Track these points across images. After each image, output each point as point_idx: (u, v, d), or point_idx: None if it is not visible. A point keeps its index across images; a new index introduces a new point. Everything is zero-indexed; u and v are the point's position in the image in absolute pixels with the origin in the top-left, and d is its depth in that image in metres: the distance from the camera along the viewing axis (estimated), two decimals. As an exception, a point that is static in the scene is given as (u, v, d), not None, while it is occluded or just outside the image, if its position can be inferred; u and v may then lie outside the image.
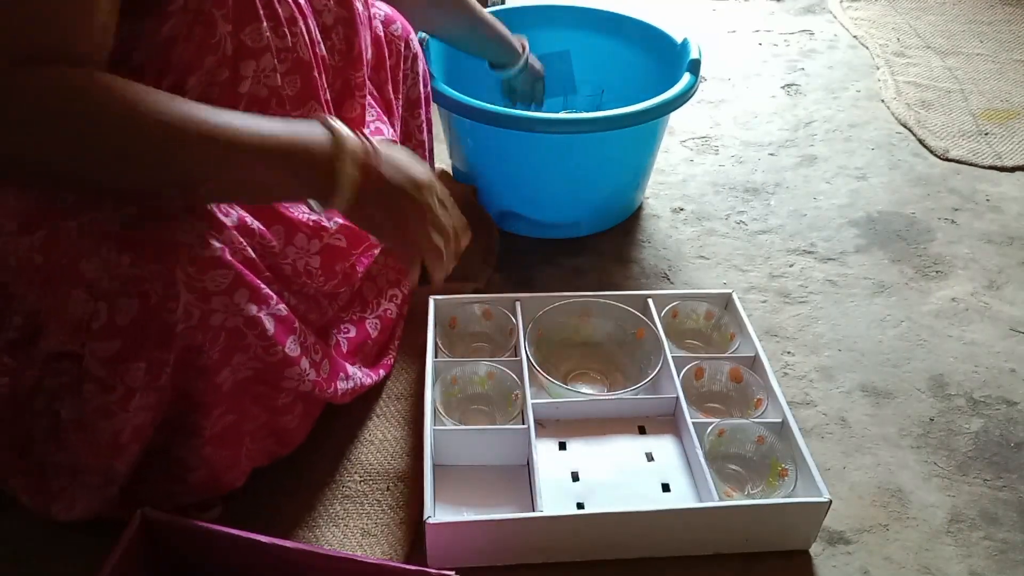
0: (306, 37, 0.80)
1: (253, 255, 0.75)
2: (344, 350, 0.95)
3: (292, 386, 0.81)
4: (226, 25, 0.72)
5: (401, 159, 0.77)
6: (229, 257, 0.71)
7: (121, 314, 0.67)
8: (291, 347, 0.78)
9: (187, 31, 0.70)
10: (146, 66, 0.70)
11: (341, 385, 0.88)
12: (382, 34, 1.03)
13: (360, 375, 0.93)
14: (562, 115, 1.32)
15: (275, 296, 0.76)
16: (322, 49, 0.85)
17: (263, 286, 0.74)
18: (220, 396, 0.75)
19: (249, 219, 0.76)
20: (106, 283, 0.66)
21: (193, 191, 0.68)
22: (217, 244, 0.70)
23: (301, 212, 0.83)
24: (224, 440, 0.79)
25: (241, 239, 0.73)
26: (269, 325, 0.75)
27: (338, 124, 0.72)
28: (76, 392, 0.74)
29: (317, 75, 0.83)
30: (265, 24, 0.75)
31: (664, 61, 1.33)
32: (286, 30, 0.77)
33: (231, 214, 0.73)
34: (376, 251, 0.97)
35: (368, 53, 0.94)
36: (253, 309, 0.73)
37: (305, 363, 0.81)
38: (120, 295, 0.67)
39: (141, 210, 0.67)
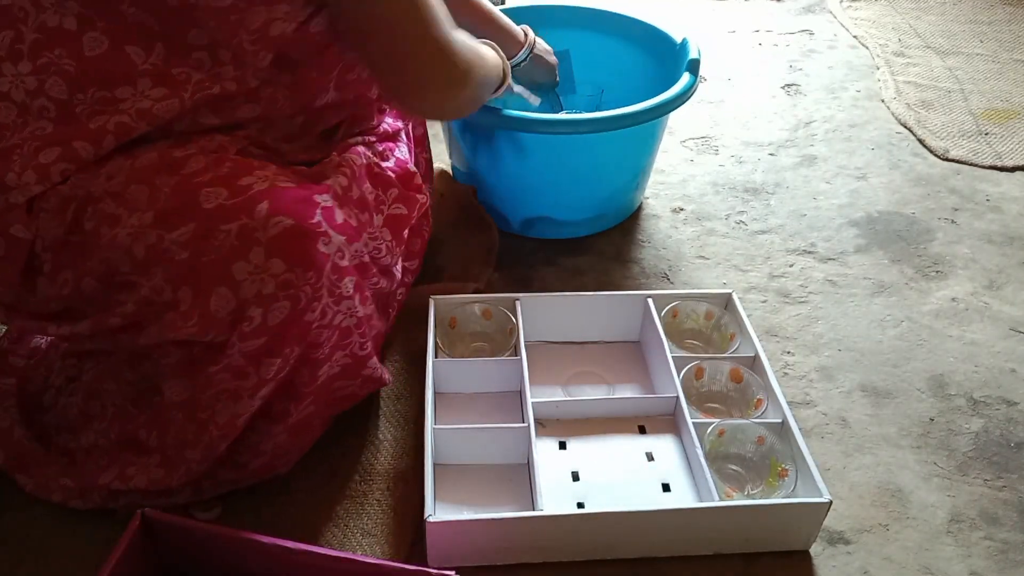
0: None
1: (368, 260, 0.83)
2: None
3: (368, 374, 0.86)
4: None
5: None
6: (350, 264, 0.77)
7: (273, 315, 0.71)
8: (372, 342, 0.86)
9: (326, 23, 0.76)
10: (305, 62, 0.76)
11: (386, 376, 0.93)
12: None
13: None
14: (562, 115, 1.32)
15: (371, 298, 0.83)
16: None
17: (367, 289, 0.81)
18: (315, 387, 0.80)
19: (372, 228, 0.84)
20: (258, 286, 0.70)
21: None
22: (348, 255, 0.77)
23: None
24: (299, 429, 0.83)
25: (363, 248, 0.81)
26: (367, 326, 0.82)
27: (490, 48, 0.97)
28: (183, 375, 0.76)
29: None
30: None
31: (664, 61, 1.33)
32: None
33: (361, 220, 0.81)
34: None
35: None
36: (362, 311, 0.80)
37: (375, 357, 0.88)
38: (275, 299, 0.71)
39: (291, 221, 0.71)
